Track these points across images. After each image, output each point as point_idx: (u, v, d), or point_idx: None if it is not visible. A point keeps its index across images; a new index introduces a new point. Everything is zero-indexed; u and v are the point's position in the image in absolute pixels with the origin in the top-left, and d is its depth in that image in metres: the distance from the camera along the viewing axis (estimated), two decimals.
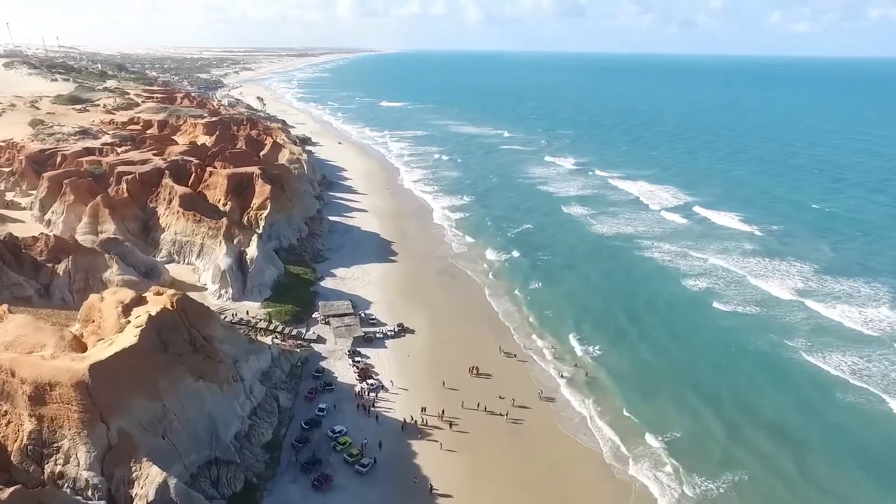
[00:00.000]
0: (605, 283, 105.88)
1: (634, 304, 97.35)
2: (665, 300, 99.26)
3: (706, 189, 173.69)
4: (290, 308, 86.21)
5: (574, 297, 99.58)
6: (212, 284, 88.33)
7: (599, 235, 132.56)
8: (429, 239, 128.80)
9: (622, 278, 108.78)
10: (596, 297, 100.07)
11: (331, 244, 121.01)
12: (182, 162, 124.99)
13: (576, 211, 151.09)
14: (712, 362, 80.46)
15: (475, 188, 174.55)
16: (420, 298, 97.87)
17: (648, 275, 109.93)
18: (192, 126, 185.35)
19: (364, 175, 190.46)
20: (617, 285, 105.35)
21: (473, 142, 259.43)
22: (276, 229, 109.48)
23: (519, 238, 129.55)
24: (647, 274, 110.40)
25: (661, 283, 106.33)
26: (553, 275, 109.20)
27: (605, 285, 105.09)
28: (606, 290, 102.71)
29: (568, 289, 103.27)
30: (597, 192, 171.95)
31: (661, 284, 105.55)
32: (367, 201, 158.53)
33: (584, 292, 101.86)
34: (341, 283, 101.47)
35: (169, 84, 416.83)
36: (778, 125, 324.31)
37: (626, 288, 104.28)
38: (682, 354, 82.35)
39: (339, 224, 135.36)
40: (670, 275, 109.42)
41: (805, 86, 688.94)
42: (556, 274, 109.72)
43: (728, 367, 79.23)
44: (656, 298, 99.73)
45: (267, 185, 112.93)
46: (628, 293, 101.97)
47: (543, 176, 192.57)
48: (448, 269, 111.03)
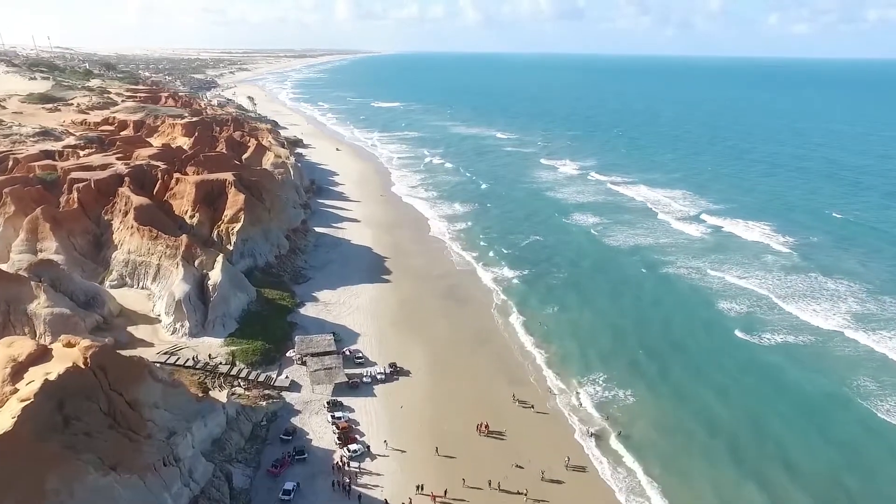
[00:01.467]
0: (624, 308, 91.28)
1: (659, 334, 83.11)
2: (689, 329, 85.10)
3: (715, 195, 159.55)
4: (258, 345, 71.26)
5: (593, 326, 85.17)
6: (166, 316, 73.36)
7: (611, 249, 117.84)
8: (427, 254, 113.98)
9: (642, 301, 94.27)
10: (616, 325, 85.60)
11: (316, 261, 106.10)
12: (147, 167, 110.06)
13: (583, 220, 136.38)
14: (752, 411, 65.85)
15: (475, 194, 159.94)
16: (417, 328, 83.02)
17: (669, 297, 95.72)
18: (171, 127, 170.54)
19: (357, 180, 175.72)
20: (638, 310, 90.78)
21: (472, 144, 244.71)
22: (250, 245, 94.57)
23: (526, 252, 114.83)
24: (668, 296, 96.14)
25: (683, 307, 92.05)
26: (568, 297, 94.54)
27: (624, 310, 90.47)
28: (627, 317, 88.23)
29: (586, 315, 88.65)
30: (602, 198, 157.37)
31: (684, 309, 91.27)
32: (359, 210, 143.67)
33: (603, 319, 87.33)
34: (324, 310, 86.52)
35: (159, 84, 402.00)
36: (781, 126, 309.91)
37: (649, 313, 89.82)
38: (723, 400, 67.64)
39: (326, 237, 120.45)
40: (692, 297, 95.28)
41: (805, 87, 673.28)
42: (571, 296, 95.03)
43: (768, 416, 64.89)
44: (680, 327, 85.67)
45: (241, 195, 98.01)
46: (651, 320, 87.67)
47: (545, 180, 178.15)
48: (449, 291, 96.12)
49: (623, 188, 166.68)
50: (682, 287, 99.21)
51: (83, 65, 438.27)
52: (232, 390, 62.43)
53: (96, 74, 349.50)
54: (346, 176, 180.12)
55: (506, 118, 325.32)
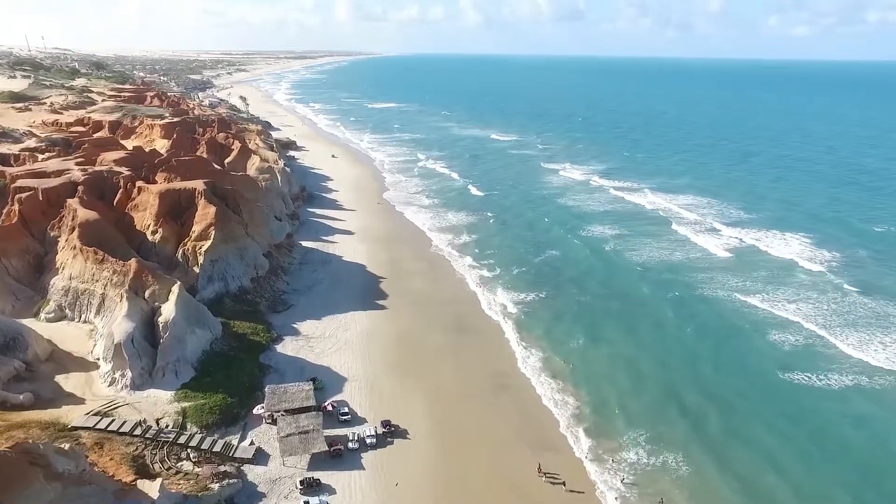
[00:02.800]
0: (658, 342, 77.69)
1: (705, 376, 69.74)
2: (737, 368, 71.50)
3: (728, 202, 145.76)
4: (218, 400, 56.90)
5: (626, 364, 72.00)
6: (104, 363, 59.03)
7: (631, 267, 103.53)
8: (428, 273, 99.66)
9: (676, 331, 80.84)
10: (652, 363, 72.41)
11: (300, 282, 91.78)
12: (108, 174, 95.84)
13: (595, 232, 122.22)
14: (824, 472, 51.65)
15: (477, 202, 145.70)
16: (417, 371, 68.74)
17: (705, 326, 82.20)
18: (149, 128, 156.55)
19: (353, 186, 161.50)
20: (674, 344, 77.24)
21: (474, 146, 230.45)
22: (220, 267, 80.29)
23: (539, 270, 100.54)
24: (704, 325, 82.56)
25: (724, 340, 78.47)
26: (593, 327, 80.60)
27: (658, 345, 76.92)
28: (662, 353, 74.85)
29: (616, 349, 75.05)
30: (611, 207, 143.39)
31: (725, 343, 77.70)
32: (353, 220, 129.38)
33: (635, 355, 74.00)
34: (306, 347, 72.23)
35: (152, 84, 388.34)
36: (787, 128, 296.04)
37: (688, 348, 76.29)
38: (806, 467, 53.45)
39: (314, 252, 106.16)
40: (731, 328, 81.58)
41: (807, 88, 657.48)
42: (595, 325, 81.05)
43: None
44: (725, 365, 72.13)
45: (211, 207, 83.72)
46: (691, 356, 74.20)
47: (550, 186, 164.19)
48: (455, 321, 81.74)
49: (632, 195, 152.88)
50: (717, 315, 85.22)
51: (72, 64, 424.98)
52: (176, 467, 48.05)
53: (83, 74, 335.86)
54: (340, 181, 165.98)
55: (507, 120, 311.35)
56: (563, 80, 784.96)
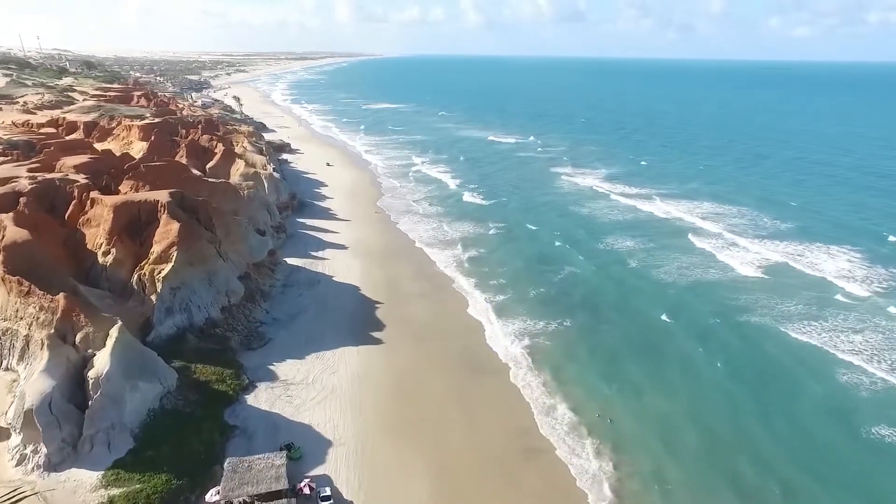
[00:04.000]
0: (691, 384, 65.46)
1: (750, 434, 56.20)
2: (783, 422, 58.48)
3: (747, 210, 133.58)
4: (160, 483, 43.67)
5: (672, 417, 59.04)
6: (14, 434, 45.78)
7: (654, 287, 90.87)
8: (430, 295, 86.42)
9: (712, 370, 67.91)
10: (703, 416, 59.45)
11: (282, 310, 78.51)
12: (60, 183, 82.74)
13: (611, 246, 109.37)
14: None
15: (482, 211, 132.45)
16: (418, 429, 55.52)
17: (744, 364, 69.20)
18: (126, 129, 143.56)
19: (349, 192, 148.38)
20: (713, 389, 64.45)
21: (475, 149, 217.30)
22: (183, 296, 67.12)
23: (553, 293, 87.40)
24: (743, 362, 69.60)
25: (766, 384, 65.20)
26: (626, 367, 67.57)
27: (692, 388, 64.65)
28: (698, 400, 62.41)
29: (657, 399, 62.04)
30: (623, 216, 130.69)
31: (768, 388, 64.44)
32: (348, 232, 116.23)
33: (682, 405, 61.39)
34: (283, 398, 58.97)
35: (148, 84, 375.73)
36: (795, 129, 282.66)
37: (729, 395, 63.41)
38: None
39: (301, 272, 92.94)
40: (773, 367, 68.62)
41: (809, 90, 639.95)
42: (629, 365, 67.95)
43: None
44: (769, 419, 58.60)
45: (174, 223, 70.55)
46: (733, 405, 61.58)
47: (557, 193, 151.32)
48: (464, 359, 68.49)
49: (642, 203, 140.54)
50: (756, 351, 72.39)
51: (63, 63, 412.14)
52: None
53: (72, 73, 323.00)
54: (335, 187, 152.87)
55: (508, 121, 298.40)
56: (564, 80, 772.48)
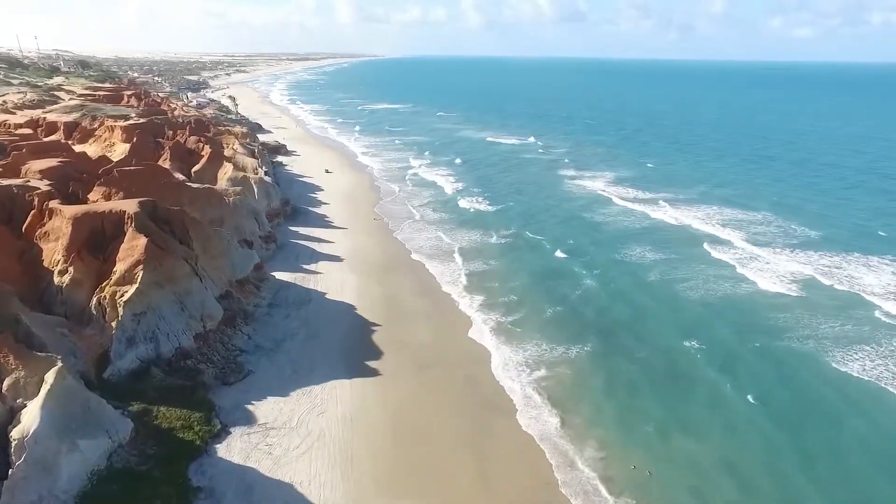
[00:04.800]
0: (726, 430, 54.49)
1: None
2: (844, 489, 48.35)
3: (762, 216, 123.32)
4: None
5: (717, 472, 48.73)
6: None
7: (672, 307, 79.90)
8: (433, 315, 77.44)
9: (750, 414, 56.94)
10: (725, 472, 49.02)
11: (266, 335, 69.59)
12: (18, 190, 73.94)
13: (622, 258, 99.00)
14: None
15: (485, 218, 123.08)
16: (422, 486, 46.58)
17: (786, 408, 58.27)
18: (109, 130, 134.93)
19: (346, 197, 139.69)
20: (757, 439, 53.65)
21: (478, 151, 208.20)
22: (149, 323, 58.26)
23: (564, 314, 77.36)
24: (784, 405, 58.67)
25: (817, 440, 54.50)
26: (656, 405, 58.10)
27: (729, 436, 53.69)
28: (737, 452, 51.49)
29: (697, 446, 52.18)
30: (632, 224, 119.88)
31: (821, 447, 53.78)
32: (344, 241, 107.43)
33: (699, 454, 51.11)
34: (261, 447, 50.05)
35: (145, 84, 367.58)
36: (800, 129, 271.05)
37: (788, 444, 52.74)
38: None
39: (291, 288, 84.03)
40: (824, 414, 57.59)
41: (812, 90, 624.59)
42: (659, 403, 58.55)
43: None
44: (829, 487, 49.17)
45: (141, 238, 61.70)
46: (799, 458, 50.96)
47: (562, 198, 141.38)
48: (470, 395, 59.51)
49: (651, 209, 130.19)
50: (800, 383, 62.29)
51: (57, 63, 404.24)
52: None
53: (64, 72, 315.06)
54: (332, 191, 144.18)
55: (509, 122, 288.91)
56: (565, 81, 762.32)
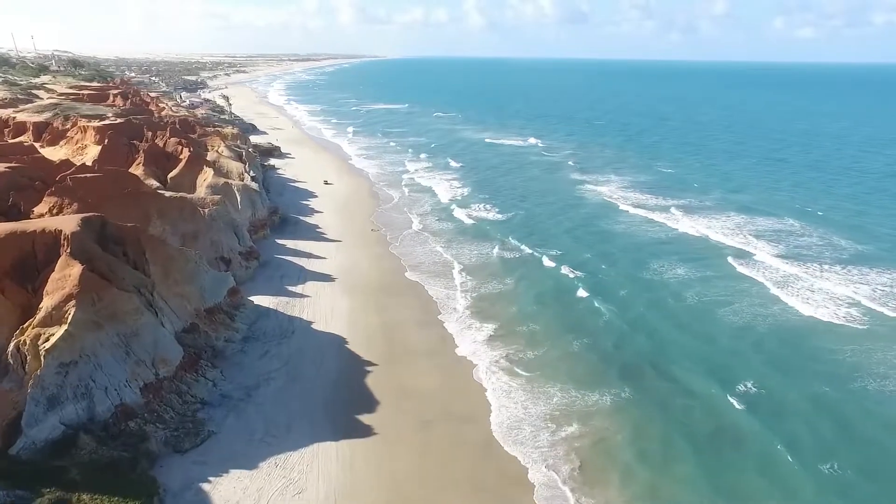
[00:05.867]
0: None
1: None
2: None
3: (787, 227, 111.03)
4: None
5: None
6: None
7: (717, 340, 66.75)
8: (438, 354, 65.00)
9: (837, 484, 44.74)
10: None
11: (237, 379, 57.33)
12: None
13: (651, 277, 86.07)
14: None
15: (494, 228, 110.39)
16: None
17: (879, 478, 46.73)
18: (81, 131, 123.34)
19: (341, 204, 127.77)
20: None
21: (480, 152, 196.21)
22: (79, 375, 46.07)
23: (592, 352, 64.37)
24: (877, 476, 47.13)
25: None
26: (702, 478, 45.58)
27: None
28: None
29: None
30: (647, 235, 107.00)
31: None
32: (337, 255, 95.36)
33: None
34: None
35: (141, 84, 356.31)
36: (809, 130, 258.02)
37: None
38: None
39: (272, 316, 71.86)
40: None
41: (816, 91, 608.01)
42: (705, 474, 46.02)
43: None
44: None
45: (75, 266, 49.62)
46: None
47: (573, 205, 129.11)
48: (486, 471, 47.31)
49: (665, 217, 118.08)
50: (875, 446, 50.09)
51: (49, 62, 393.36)
52: None
53: (53, 71, 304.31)
54: (326, 198, 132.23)
55: (511, 123, 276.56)
56: (567, 81, 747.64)
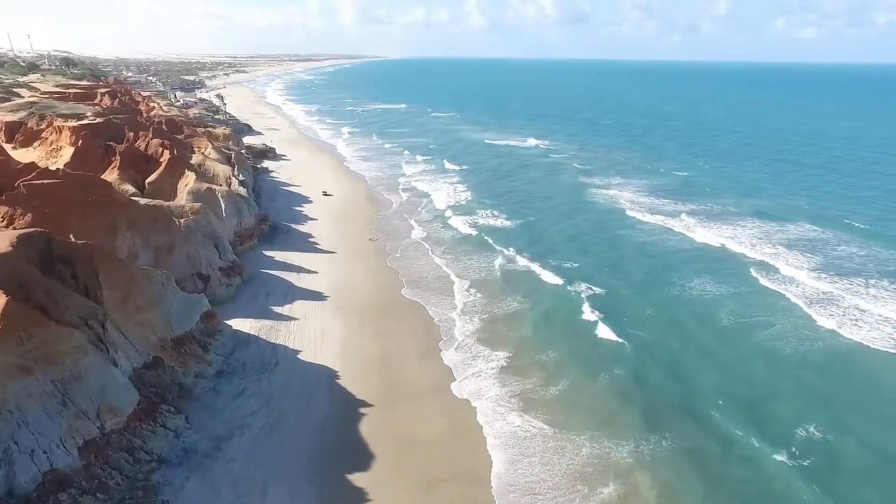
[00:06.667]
0: None
1: None
2: None
3: (808, 235, 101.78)
4: None
5: None
6: None
7: (755, 385, 57.35)
8: (447, 397, 55.59)
9: None
10: None
11: (205, 426, 48.12)
12: None
13: (672, 295, 76.42)
14: None
15: (498, 238, 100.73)
16: None
17: None
18: (56, 132, 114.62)
19: (337, 210, 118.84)
20: None
21: (481, 153, 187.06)
22: (0, 434, 37.06)
23: (610, 395, 54.67)
24: None
25: None
26: None
27: None
28: None
29: None
30: (670, 246, 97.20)
31: None
32: (331, 270, 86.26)
33: None
34: None
35: (137, 83, 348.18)
36: (817, 132, 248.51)
37: None
38: None
39: (252, 344, 62.68)
40: None
41: (820, 91, 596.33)
42: None
43: None
44: None
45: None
46: None
47: (580, 210, 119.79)
48: None
49: (677, 224, 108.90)
50: None
51: (41, 61, 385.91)
52: None
53: (44, 69, 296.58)
54: (321, 204, 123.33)
55: (514, 124, 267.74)
56: (569, 82, 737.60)
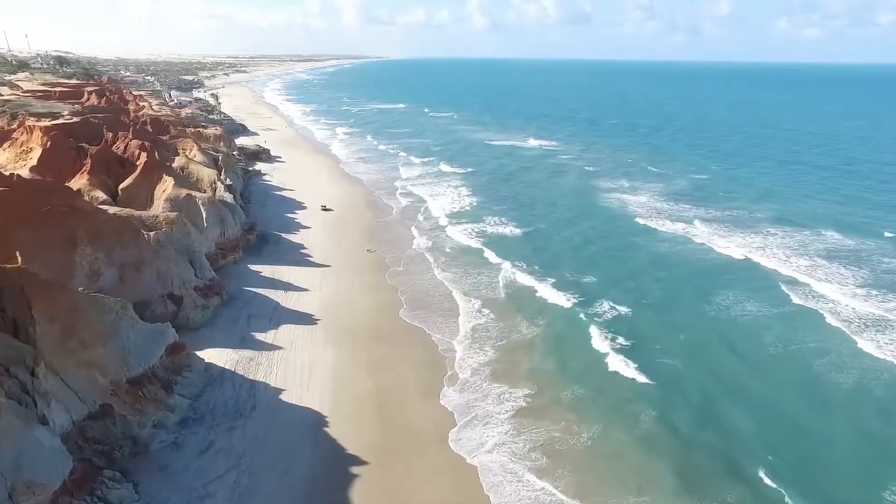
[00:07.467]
0: None
1: None
2: None
3: (837, 246, 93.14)
4: None
5: None
6: None
7: (806, 446, 49.43)
8: (451, 447, 46.77)
9: None
10: None
11: (159, 495, 39.03)
12: None
13: (724, 315, 68.43)
14: None
15: (503, 248, 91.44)
16: None
17: None
18: (28, 131, 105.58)
19: (334, 218, 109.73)
20: None
21: (481, 154, 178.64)
22: None
23: (628, 450, 46.27)
24: None
25: None
26: None
27: None
28: None
29: None
30: (689, 258, 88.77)
31: None
32: (323, 287, 77.03)
33: None
34: None
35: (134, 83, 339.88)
36: (825, 132, 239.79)
37: None
38: None
39: (226, 381, 53.45)
40: None
41: (825, 91, 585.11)
42: None
43: None
44: None
45: None
46: None
47: (589, 217, 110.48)
48: None
49: (699, 234, 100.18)
50: None
51: (34, 60, 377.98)
52: None
53: (35, 68, 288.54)
54: (316, 210, 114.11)
55: (511, 123, 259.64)
56: (571, 81, 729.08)
